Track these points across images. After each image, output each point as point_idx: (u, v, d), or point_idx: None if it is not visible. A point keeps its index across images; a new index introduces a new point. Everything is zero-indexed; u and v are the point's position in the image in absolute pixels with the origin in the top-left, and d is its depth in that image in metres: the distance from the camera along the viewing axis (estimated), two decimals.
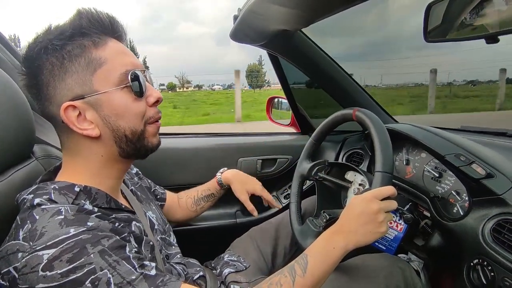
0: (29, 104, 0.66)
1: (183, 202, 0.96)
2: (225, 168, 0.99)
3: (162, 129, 0.63)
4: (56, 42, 0.48)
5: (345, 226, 0.59)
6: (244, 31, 0.90)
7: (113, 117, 0.52)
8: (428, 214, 0.81)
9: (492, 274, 0.59)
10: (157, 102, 0.57)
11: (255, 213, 0.94)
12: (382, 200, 0.60)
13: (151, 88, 0.56)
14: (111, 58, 0.51)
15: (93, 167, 0.55)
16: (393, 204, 0.61)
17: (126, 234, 0.50)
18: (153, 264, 0.49)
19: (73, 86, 0.49)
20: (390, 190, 0.61)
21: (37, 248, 0.41)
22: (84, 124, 0.51)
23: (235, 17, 0.86)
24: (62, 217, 0.45)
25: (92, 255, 0.42)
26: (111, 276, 0.43)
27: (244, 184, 0.95)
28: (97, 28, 0.51)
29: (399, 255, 0.95)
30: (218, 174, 0.97)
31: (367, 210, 0.58)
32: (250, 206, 0.93)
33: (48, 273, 0.41)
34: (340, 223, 0.60)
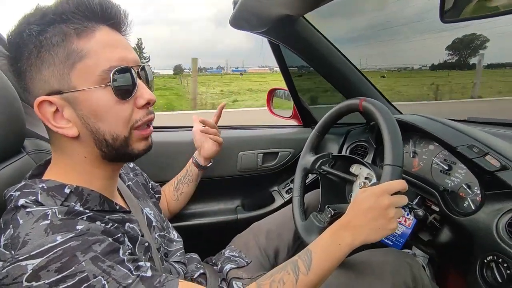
0: (18, 95, 0.62)
1: (168, 193, 0.94)
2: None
3: (154, 122, 0.57)
4: (35, 27, 0.43)
5: (352, 221, 0.56)
6: (244, 17, 0.85)
7: (92, 118, 0.46)
8: (437, 209, 0.78)
9: (508, 271, 0.56)
10: (148, 104, 0.50)
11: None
12: (392, 195, 0.56)
13: (142, 88, 0.49)
14: (95, 51, 0.45)
15: (79, 166, 0.50)
16: (404, 199, 0.57)
17: (120, 235, 0.47)
18: (148, 264, 0.46)
19: (50, 79, 0.44)
20: (401, 184, 0.57)
21: (20, 258, 0.38)
22: (61, 122, 0.46)
23: (235, 2, 0.81)
24: (48, 222, 0.41)
25: (83, 263, 0.39)
26: (106, 282, 0.39)
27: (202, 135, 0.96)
28: (82, 14, 0.44)
29: (404, 250, 0.92)
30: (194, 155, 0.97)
31: (376, 204, 0.55)
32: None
33: (34, 283, 0.37)
34: (347, 217, 0.57)
